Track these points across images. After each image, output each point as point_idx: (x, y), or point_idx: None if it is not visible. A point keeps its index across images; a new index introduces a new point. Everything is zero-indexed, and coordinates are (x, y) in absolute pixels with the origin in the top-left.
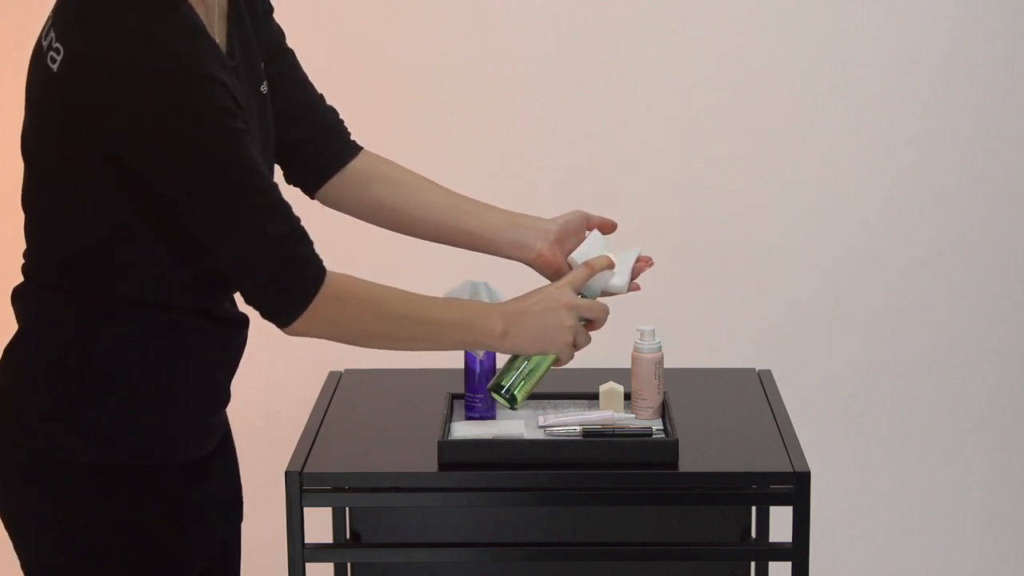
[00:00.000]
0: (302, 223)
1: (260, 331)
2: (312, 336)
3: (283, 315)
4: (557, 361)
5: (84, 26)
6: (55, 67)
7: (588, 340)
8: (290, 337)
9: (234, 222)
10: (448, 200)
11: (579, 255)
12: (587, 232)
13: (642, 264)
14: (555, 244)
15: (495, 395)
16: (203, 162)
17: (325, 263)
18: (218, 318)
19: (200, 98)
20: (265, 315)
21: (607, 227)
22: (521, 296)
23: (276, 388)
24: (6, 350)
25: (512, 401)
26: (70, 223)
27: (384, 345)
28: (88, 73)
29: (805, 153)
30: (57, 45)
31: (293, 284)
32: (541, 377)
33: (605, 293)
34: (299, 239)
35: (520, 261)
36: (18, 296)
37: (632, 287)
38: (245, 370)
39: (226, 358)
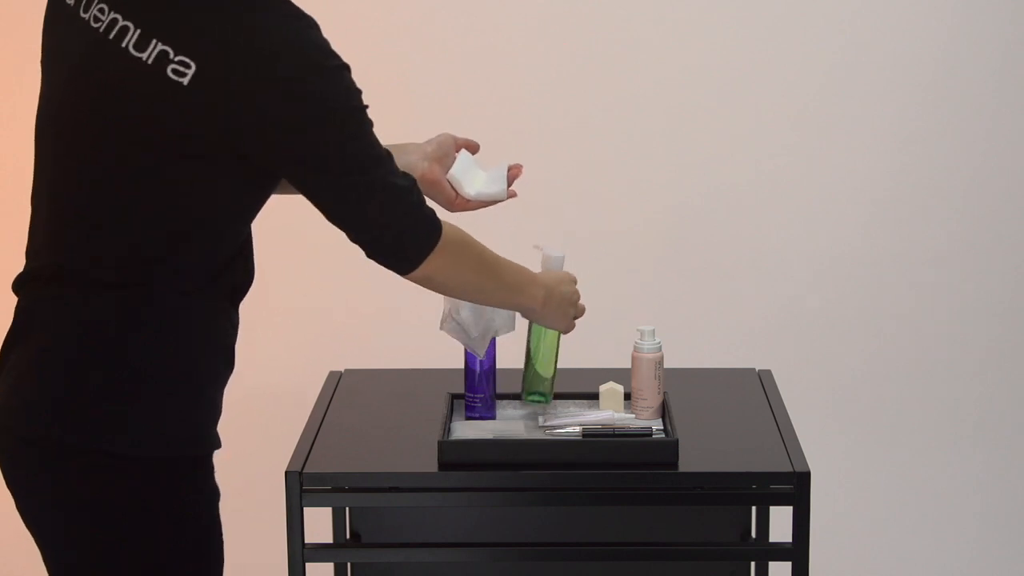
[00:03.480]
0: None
1: (260, 331)
2: (427, 278)
3: (412, 257)
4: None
5: (215, 30)
6: (185, 81)
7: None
8: (290, 337)
9: (376, 188)
10: None
11: (457, 171)
12: (456, 153)
13: (515, 171)
14: (435, 163)
15: (530, 399)
16: (356, 145)
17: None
18: (238, 309)
19: (346, 85)
20: (392, 261)
21: (472, 147)
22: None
23: (276, 388)
24: (37, 348)
25: (547, 398)
26: (143, 219)
27: (470, 295)
28: (234, 83)
29: (805, 153)
30: (182, 59)
31: (422, 227)
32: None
33: (485, 201)
34: (418, 190)
35: None
36: (37, 299)
37: (510, 194)
38: (246, 370)
39: (233, 347)
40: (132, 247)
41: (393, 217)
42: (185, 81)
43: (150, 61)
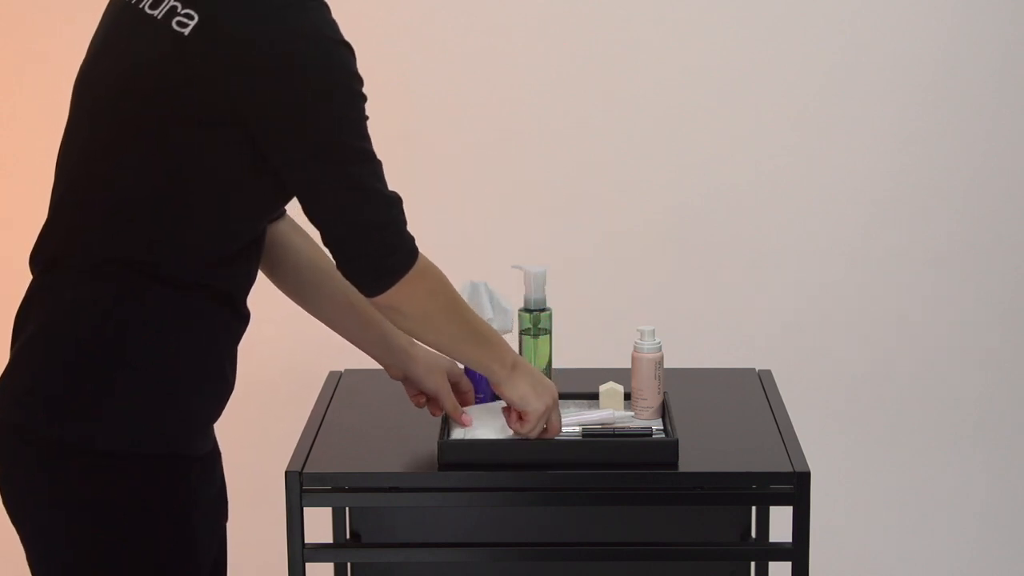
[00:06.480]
0: None
1: (261, 331)
2: (393, 308)
3: (381, 279)
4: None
5: None
6: (186, 31)
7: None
8: (290, 337)
9: (357, 185)
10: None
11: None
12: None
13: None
14: (439, 374)
15: None
16: (342, 124)
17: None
18: (242, 314)
19: (344, 61)
20: (358, 278)
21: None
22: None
23: (276, 388)
24: (28, 341)
25: None
26: (144, 215)
27: (432, 336)
28: (231, 36)
29: (805, 153)
30: (187, 11)
31: (397, 250)
32: None
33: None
34: (401, 208)
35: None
36: (38, 288)
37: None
38: (245, 370)
39: (234, 351)
40: (131, 245)
41: (367, 229)
42: (186, 32)
43: (160, 16)
